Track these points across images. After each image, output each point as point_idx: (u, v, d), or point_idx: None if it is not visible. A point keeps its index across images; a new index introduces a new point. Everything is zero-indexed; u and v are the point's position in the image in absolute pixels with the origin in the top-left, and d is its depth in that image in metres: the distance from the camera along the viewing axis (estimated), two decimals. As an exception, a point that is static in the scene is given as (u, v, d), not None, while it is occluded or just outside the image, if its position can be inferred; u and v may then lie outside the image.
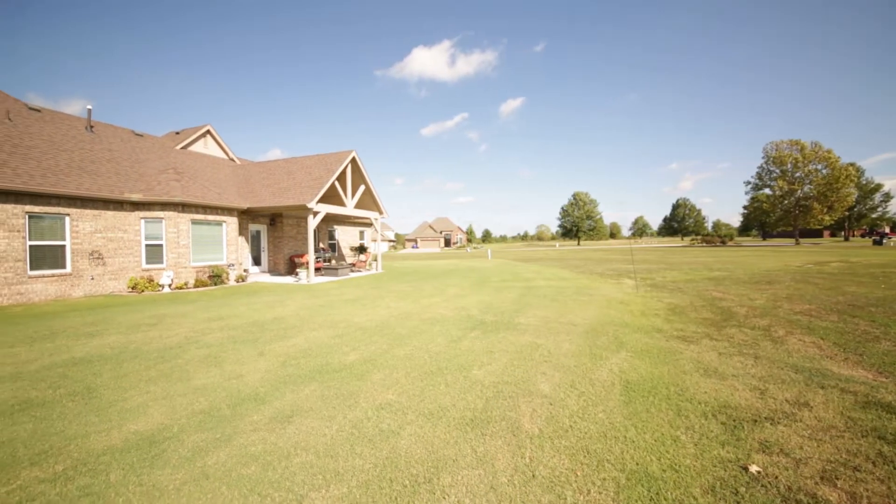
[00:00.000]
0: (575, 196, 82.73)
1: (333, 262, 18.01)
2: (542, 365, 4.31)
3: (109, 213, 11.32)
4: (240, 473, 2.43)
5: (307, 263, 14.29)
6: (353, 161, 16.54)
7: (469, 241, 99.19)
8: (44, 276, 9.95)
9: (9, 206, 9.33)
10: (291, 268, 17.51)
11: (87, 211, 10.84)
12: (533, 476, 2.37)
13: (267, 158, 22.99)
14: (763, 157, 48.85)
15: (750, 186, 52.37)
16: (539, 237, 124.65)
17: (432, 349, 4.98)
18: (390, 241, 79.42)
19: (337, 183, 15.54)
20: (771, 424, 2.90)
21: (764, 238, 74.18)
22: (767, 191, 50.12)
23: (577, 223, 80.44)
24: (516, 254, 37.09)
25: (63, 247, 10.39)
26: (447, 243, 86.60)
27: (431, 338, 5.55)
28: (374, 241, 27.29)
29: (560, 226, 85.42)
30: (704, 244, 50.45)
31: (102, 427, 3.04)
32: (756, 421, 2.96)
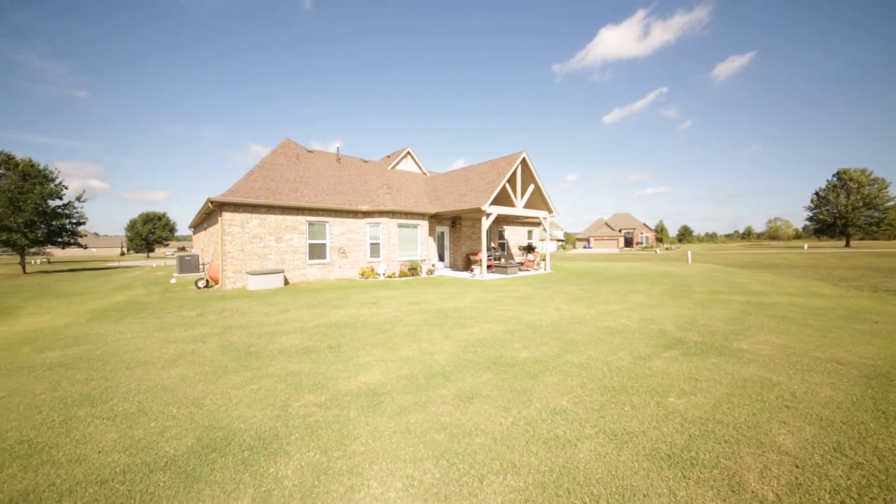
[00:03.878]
0: (840, 176, 55.49)
1: (503, 260, 18.73)
2: (780, 411, 3.19)
3: (349, 220, 15.43)
4: (433, 438, 2.83)
5: (480, 261, 15.45)
6: (523, 162, 16.73)
7: (659, 240, 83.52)
8: (315, 264, 14.49)
9: (299, 217, 14.05)
10: (467, 264, 19.31)
11: (337, 219, 15.12)
12: (768, 554, 1.77)
13: (451, 168, 26.02)
14: None
15: None
16: (772, 235, 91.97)
17: (613, 363, 4.46)
18: (559, 240, 76.02)
19: (507, 185, 16.10)
20: None
21: None
22: None
23: (846, 214, 54.05)
24: (732, 257, 28.69)
25: (324, 244, 14.84)
26: (628, 243, 75.63)
27: (611, 349, 4.98)
28: (542, 240, 26.79)
29: (811, 219, 58.92)
30: None
31: (345, 374, 4.15)
32: None
